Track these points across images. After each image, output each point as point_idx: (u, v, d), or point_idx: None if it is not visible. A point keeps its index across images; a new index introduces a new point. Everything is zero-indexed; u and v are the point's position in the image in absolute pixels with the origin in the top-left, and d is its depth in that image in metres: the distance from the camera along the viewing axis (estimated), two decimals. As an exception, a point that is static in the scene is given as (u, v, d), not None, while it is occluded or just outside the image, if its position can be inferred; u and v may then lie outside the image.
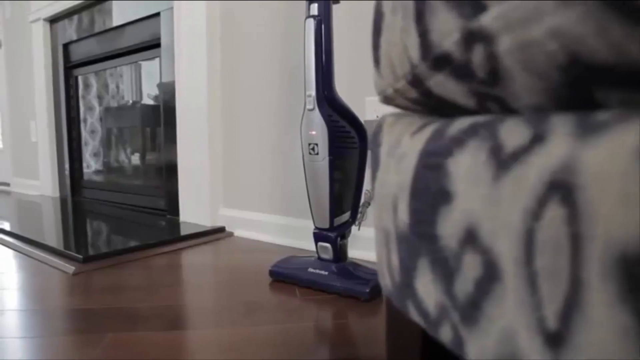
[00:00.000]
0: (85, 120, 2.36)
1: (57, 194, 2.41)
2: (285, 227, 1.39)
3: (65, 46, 2.27)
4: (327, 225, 0.96)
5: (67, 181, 2.36)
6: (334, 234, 0.96)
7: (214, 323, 0.82)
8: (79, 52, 2.22)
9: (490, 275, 0.19)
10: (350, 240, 1.03)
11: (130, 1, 1.86)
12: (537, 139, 0.18)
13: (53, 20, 2.28)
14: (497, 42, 0.19)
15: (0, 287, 1.03)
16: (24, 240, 1.39)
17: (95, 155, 2.35)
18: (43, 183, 2.47)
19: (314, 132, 0.92)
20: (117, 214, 1.86)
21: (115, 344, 0.73)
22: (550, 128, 0.18)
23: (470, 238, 0.20)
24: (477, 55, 0.20)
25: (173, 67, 1.64)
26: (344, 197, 0.98)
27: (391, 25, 0.27)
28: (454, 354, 0.36)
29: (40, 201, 2.24)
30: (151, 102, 2.07)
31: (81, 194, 2.33)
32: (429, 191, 0.24)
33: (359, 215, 1.03)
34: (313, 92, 0.91)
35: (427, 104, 0.29)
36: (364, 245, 1.20)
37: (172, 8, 1.63)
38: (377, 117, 1.17)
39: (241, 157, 1.53)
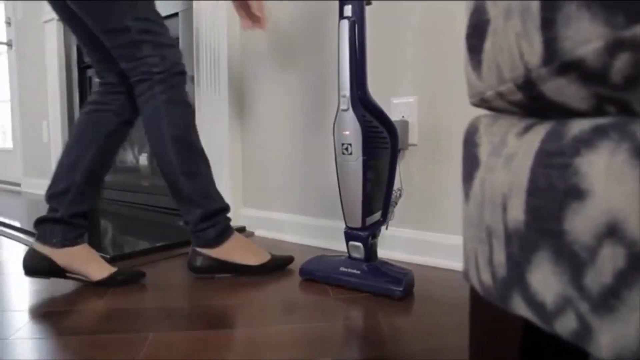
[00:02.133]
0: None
1: (70, 194, 2.41)
2: (307, 227, 1.40)
3: (80, 46, 2.27)
4: (359, 225, 0.97)
5: (80, 181, 2.36)
6: (365, 233, 0.98)
7: (252, 322, 0.83)
8: (93, 52, 2.22)
9: (636, 266, 0.21)
10: (378, 239, 1.04)
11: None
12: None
13: (66, 20, 2.29)
14: (649, 50, 0.20)
15: (31, 289, 1.04)
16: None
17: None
18: (55, 183, 2.47)
19: (347, 132, 0.94)
20: (133, 214, 1.87)
21: (159, 343, 0.74)
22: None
23: (612, 232, 0.22)
24: (620, 62, 0.21)
25: (192, 67, 1.65)
26: (375, 197, 0.99)
27: (501, 31, 0.29)
28: (551, 352, 0.38)
29: (53, 201, 2.24)
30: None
31: (94, 194, 2.33)
32: (554, 189, 0.25)
33: (388, 215, 1.04)
34: (347, 93, 0.92)
35: (528, 106, 0.30)
36: (389, 244, 1.21)
37: (190, 8, 1.64)
38: (402, 117, 1.19)
39: (261, 157, 1.54)
